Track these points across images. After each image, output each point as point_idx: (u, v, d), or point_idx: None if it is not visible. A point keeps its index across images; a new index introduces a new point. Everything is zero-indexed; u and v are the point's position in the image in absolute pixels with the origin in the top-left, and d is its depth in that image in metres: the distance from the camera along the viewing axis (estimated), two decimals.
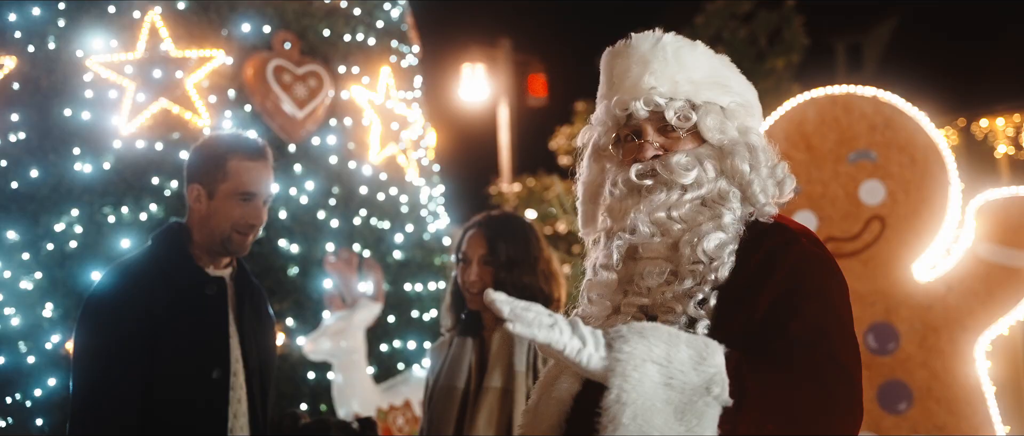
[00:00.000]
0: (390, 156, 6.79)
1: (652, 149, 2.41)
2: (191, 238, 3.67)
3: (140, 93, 5.89)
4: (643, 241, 2.37)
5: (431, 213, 7.12)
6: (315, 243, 6.18)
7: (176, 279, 3.58)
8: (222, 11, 6.21)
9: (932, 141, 5.75)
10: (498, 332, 3.69)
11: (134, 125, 5.88)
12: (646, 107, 2.41)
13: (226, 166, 3.61)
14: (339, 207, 6.38)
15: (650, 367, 2.05)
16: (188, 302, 3.58)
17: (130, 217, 5.74)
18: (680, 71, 2.45)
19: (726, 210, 2.36)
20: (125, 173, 5.81)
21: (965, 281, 5.62)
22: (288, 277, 6.08)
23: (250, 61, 6.21)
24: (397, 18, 7.15)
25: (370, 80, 6.74)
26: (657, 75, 2.43)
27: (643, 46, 2.47)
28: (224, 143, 3.71)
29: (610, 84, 2.51)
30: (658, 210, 2.35)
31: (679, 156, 2.39)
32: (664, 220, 2.35)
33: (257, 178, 3.66)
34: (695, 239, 2.32)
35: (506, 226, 3.80)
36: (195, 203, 3.65)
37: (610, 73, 2.51)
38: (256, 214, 3.66)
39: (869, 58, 23.73)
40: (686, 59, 2.47)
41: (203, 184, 3.64)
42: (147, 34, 5.97)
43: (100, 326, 3.50)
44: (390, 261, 6.58)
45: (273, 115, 6.20)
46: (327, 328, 5.79)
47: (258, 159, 3.68)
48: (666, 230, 2.35)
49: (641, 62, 2.44)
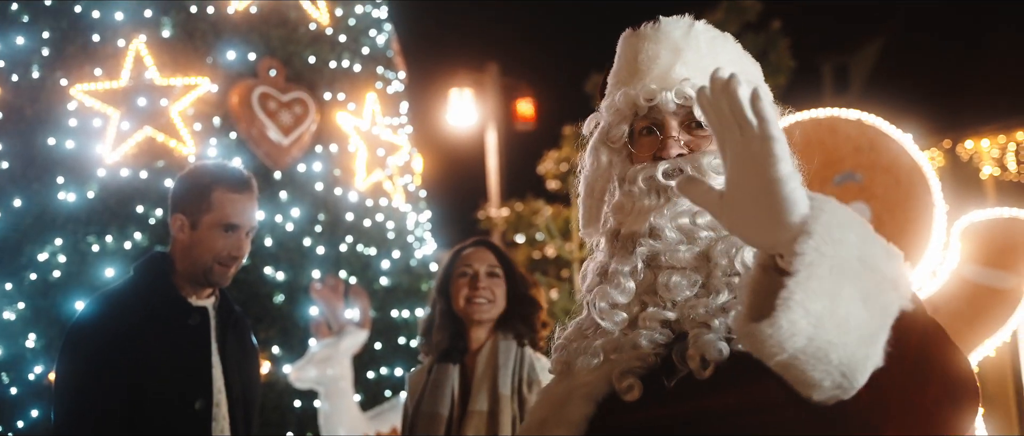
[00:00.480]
0: (376, 182, 6.79)
1: (677, 146, 2.18)
2: (174, 268, 3.65)
3: (124, 121, 5.88)
4: (668, 248, 2.13)
5: (418, 239, 7.10)
6: (301, 270, 6.16)
7: (159, 309, 3.56)
8: (207, 39, 6.21)
9: (916, 163, 5.76)
10: (482, 356, 3.68)
11: (118, 153, 5.86)
12: (677, 99, 2.19)
13: (210, 197, 3.60)
14: (325, 234, 6.37)
15: (850, 234, 1.71)
16: (171, 332, 3.56)
17: (114, 246, 5.71)
18: (714, 64, 2.13)
19: None
20: (109, 202, 5.79)
21: (951, 302, 5.62)
22: (274, 304, 6.06)
23: (235, 88, 6.21)
24: (383, 45, 7.16)
25: (356, 106, 6.74)
26: (690, 66, 2.22)
27: (675, 32, 2.26)
28: (209, 174, 3.68)
29: (633, 69, 2.27)
30: (682, 216, 2.12)
31: (710, 158, 2.16)
32: (689, 226, 2.13)
33: (241, 210, 3.64)
34: (733, 249, 2.08)
35: (499, 247, 3.86)
36: (178, 233, 3.63)
37: (634, 57, 2.28)
38: (239, 246, 3.64)
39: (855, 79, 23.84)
40: (720, 51, 2.29)
41: (187, 214, 3.62)
42: (132, 62, 5.96)
43: (82, 356, 3.47)
44: (377, 287, 6.56)
45: (258, 142, 6.19)
46: (313, 355, 5.75)
47: (243, 191, 3.66)
48: (692, 238, 2.12)
49: (673, 49, 2.24)
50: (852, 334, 1.63)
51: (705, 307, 2.03)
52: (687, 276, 2.08)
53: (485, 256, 3.77)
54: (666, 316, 2.08)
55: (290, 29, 6.47)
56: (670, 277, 2.09)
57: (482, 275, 3.73)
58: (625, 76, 2.28)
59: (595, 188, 2.34)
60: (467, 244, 3.87)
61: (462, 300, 3.73)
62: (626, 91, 2.24)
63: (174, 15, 6.16)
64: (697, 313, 2.03)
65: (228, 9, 6.25)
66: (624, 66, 2.30)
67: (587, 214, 2.37)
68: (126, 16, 6.06)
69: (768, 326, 1.61)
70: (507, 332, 3.72)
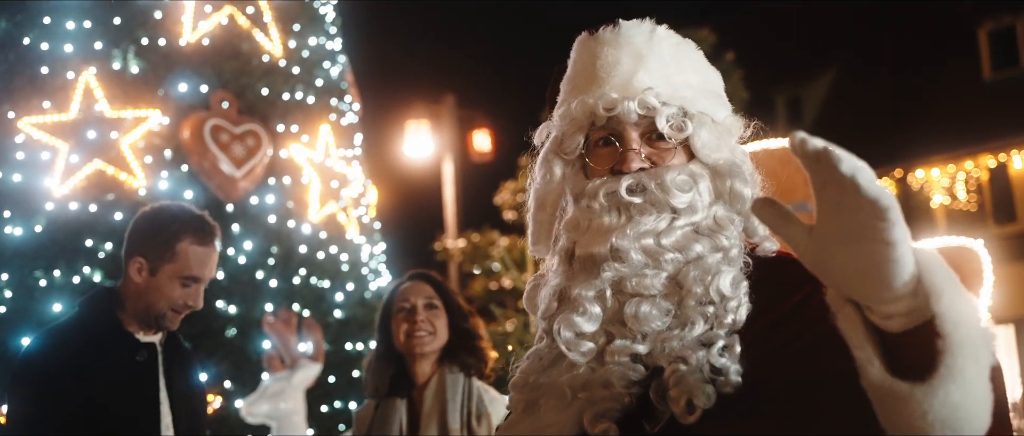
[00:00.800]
0: (330, 214, 6.75)
1: (639, 160, 2.03)
2: (122, 305, 3.59)
3: (74, 154, 5.81)
4: (634, 273, 1.95)
5: (372, 271, 7.07)
6: (253, 303, 6.10)
7: (106, 346, 3.50)
8: (159, 71, 6.17)
9: None
10: (429, 390, 3.65)
11: (67, 187, 5.79)
12: (639, 110, 2.02)
13: (175, 247, 3.51)
14: (278, 267, 6.31)
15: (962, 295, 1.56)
16: (119, 369, 3.50)
17: (62, 280, 5.63)
18: (678, 73, 2.10)
19: (727, 240, 2.00)
20: (57, 235, 5.71)
21: None
22: (226, 338, 5.99)
23: (187, 121, 6.16)
24: (337, 76, 7.14)
25: (309, 138, 6.71)
26: (653, 74, 2.06)
27: (637, 37, 2.10)
28: (177, 221, 3.56)
29: (590, 76, 2.10)
30: (647, 237, 1.96)
31: (674, 173, 2.01)
32: (654, 248, 1.96)
33: (204, 263, 3.57)
34: (708, 277, 1.94)
35: (437, 279, 3.81)
36: (135, 275, 3.54)
37: (591, 62, 2.11)
38: (197, 297, 3.58)
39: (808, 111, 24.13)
40: (684, 60, 2.13)
41: (147, 259, 3.53)
42: (81, 95, 5.91)
43: (31, 394, 3.40)
44: (331, 320, 6.51)
45: (210, 175, 6.14)
46: (266, 389, 5.69)
47: (209, 243, 3.58)
48: (657, 260, 1.95)
49: (635, 55, 2.07)
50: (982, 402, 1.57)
51: (679, 340, 1.90)
52: (657, 305, 1.93)
53: (422, 289, 3.72)
54: (636, 350, 1.93)
55: (243, 61, 6.44)
56: (639, 307, 1.93)
57: (420, 308, 3.68)
58: (582, 83, 2.11)
59: (546, 203, 2.17)
60: (404, 279, 3.82)
61: (402, 335, 3.68)
62: (583, 99, 2.07)
63: (125, 47, 6.11)
64: (671, 346, 1.90)
65: (180, 41, 6.21)
66: (581, 72, 2.13)
67: (537, 230, 2.20)
68: (76, 48, 6.00)
69: (924, 392, 1.53)
70: (453, 364, 3.69)
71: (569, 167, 2.13)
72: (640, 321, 1.92)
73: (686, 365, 1.86)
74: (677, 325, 1.91)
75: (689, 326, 1.90)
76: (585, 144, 2.10)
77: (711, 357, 1.86)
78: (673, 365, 1.88)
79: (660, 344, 1.91)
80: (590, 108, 2.04)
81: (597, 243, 1.98)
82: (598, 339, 1.96)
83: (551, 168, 2.15)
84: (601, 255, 1.97)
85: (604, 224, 1.99)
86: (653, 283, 1.93)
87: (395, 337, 3.71)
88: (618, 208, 1.99)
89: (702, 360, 1.87)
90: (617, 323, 1.96)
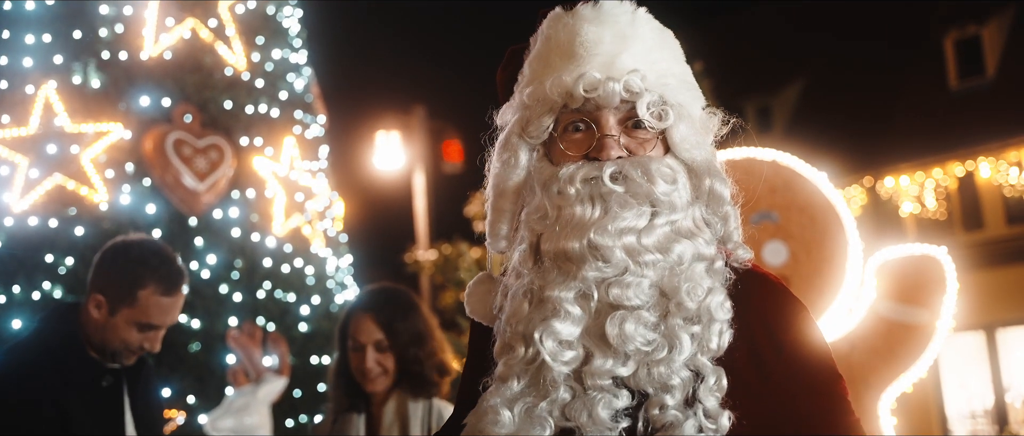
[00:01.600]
0: (295, 227, 6.71)
1: (618, 147, 1.88)
2: (84, 329, 3.52)
3: (33, 169, 5.75)
4: (616, 276, 1.80)
5: (338, 283, 7.02)
6: (217, 318, 6.05)
7: (71, 371, 3.43)
8: (120, 85, 6.11)
9: (830, 201, 5.86)
10: (389, 406, 3.63)
11: (27, 202, 5.73)
12: (624, 92, 1.87)
13: (137, 294, 3.41)
14: (242, 280, 6.26)
15: None
16: (84, 395, 3.44)
17: (22, 296, 5.56)
18: (661, 59, 1.96)
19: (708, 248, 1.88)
20: (17, 251, 5.64)
21: (867, 339, 5.70)
22: (189, 353, 5.93)
23: (149, 134, 6.11)
24: (301, 89, 7.11)
25: (274, 151, 6.67)
26: (638, 57, 1.91)
27: (621, 17, 1.95)
28: (143, 266, 3.48)
29: (568, 53, 1.92)
30: (628, 233, 1.81)
31: (658, 163, 1.87)
32: (635, 246, 1.81)
33: (166, 312, 3.49)
34: (698, 292, 1.82)
35: (396, 304, 3.74)
36: (94, 310, 3.46)
37: (569, 40, 1.93)
38: (154, 342, 3.52)
39: (778, 120, 24.25)
40: (666, 47, 2.00)
41: (107, 298, 3.45)
42: (41, 109, 5.85)
43: None
44: (296, 334, 6.47)
45: (173, 189, 6.09)
46: (231, 404, 5.62)
47: (173, 293, 3.50)
48: (637, 260, 1.81)
49: (619, 36, 1.92)
50: None
51: (667, 365, 1.78)
52: (642, 320, 1.80)
53: (371, 331, 3.69)
54: (619, 372, 1.80)
55: (205, 74, 6.39)
56: (623, 325, 1.79)
57: (370, 350, 3.67)
58: (557, 61, 1.94)
59: (507, 190, 1.99)
60: (355, 308, 3.81)
61: (356, 371, 3.70)
62: (559, 77, 1.90)
63: (85, 61, 6.06)
64: (658, 372, 1.78)
65: (142, 55, 6.17)
66: (555, 50, 1.96)
67: (496, 220, 2.02)
68: (35, 62, 5.94)
69: None
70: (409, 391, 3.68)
71: (534, 152, 1.98)
72: (624, 340, 1.79)
73: (673, 399, 1.77)
74: (664, 345, 1.80)
75: (678, 348, 1.79)
76: (554, 128, 1.95)
77: (702, 395, 1.78)
78: (659, 398, 1.78)
79: (645, 367, 1.79)
80: (567, 87, 1.89)
81: (571, 237, 1.82)
82: (579, 349, 1.82)
83: (515, 152, 1.98)
84: (577, 252, 1.82)
85: (576, 215, 1.84)
86: (636, 293, 1.80)
87: (351, 364, 3.71)
88: (593, 198, 1.84)
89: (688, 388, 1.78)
90: (596, 337, 1.81)
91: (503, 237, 2.02)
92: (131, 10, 6.16)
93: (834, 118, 22.72)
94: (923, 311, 5.66)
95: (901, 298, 5.72)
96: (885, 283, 5.75)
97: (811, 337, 1.93)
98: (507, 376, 1.87)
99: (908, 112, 21.83)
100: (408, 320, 3.69)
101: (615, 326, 1.79)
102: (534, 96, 1.94)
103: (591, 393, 1.79)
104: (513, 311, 1.89)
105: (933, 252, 5.78)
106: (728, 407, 1.80)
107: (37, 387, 3.34)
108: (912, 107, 21.88)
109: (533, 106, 1.95)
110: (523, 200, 1.97)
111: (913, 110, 21.74)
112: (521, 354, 1.85)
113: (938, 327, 5.62)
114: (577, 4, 1.99)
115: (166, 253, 3.58)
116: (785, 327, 1.89)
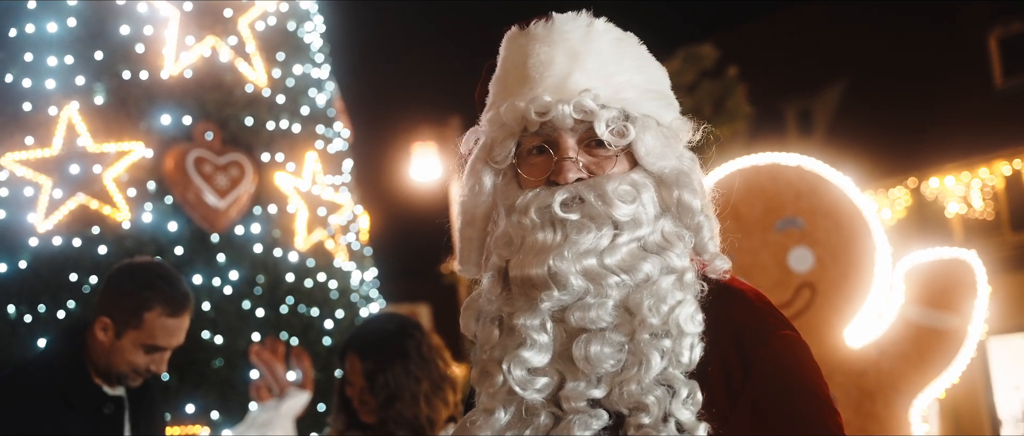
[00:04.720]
0: (318, 242, 6.72)
1: (575, 169, 1.86)
2: (88, 354, 3.54)
3: (57, 189, 5.81)
4: (577, 302, 1.79)
5: (363, 297, 7.02)
6: (240, 334, 6.07)
7: (73, 399, 3.45)
8: (141, 104, 6.16)
9: (856, 206, 5.77)
10: None
11: (51, 222, 5.79)
12: (575, 114, 1.84)
13: (142, 316, 3.45)
14: (265, 296, 6.28)
15: None
16: (85, 422, 3.45)
17: (47, 316, 5.61)
18: (620, 72, 1.91)
19: (679, 260, 1.84)
20: (41, 271, 5.70)
21: (897, 345, 5.60)
22: (212, 369, 5.96)
23: (170, 153, 6.15)
24: (323, 104, 7.12)
25: (295, 167, 6.69)
26: (591, 73, 1.87)
27: (572, 33, 1.91)
28: (149, 288, 3.50)
29: (521, 76, 1.91)
30: (588, 256, 1.79)
31: (615, 183, 1.84)
32: (597, 269, 1.79)
33: (172, 334, 3.52)
34: (664, 306, 1.79)
35: (384, 354, 3.69)
36: (100, 332, 3.48)
37: (523, 61, 1.92)
38: (160, 364, 3.55)
39: (819, 122, 24.01)
40: (627, 57, 1.94)
41: (113, 320, 3.48)
42: (64, 130, 5.91)
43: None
44: (320, 348, 6.47)
45: (194, 206, 6.12)
46: (254, 419, 5.62)
47: (179, 314, 3.53)
48: (600, 284, 1.79)
49: (570, 54, 1.88)
50: None
51: (638, 383, 1.76)
52: (608, 341, 1.78)
53: (357, 372, 3.72)
54: (593, 395, 1.79)
55: (226, 92, 6.42)
56: (588, 347, 1.78)
57: (359, 390, 3.73)
58: (512, 84, 1.93)
59: (476, 217, 2.00)
60: (351, 342, 3.84)
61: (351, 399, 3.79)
62: (513, 103, 1.90)
63: (107, 81, 6.11)
64: (630, 390, 1.76)
65: (162, 74, 6.21)
66: (511, 72, 1.94)
67: (466, 248, 2.04)
68: (58, 84, 6.01)
69: None
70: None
71: (500, 177, 1.97)
72: (592, 364, 1.77)
73: (649, 417, 1.75)
74: (633, 363, 1.77)
75: (645, 365, 1.76)
76: (516, 152, 1.94)
77: (675, 409, 1.76)
78: (635, 418, 1.76)
79: (618, 387, 1.77)
80: (521, 113, 1.88)
81: (533, 264, 1.82)
82: (551, 374, 1.82)
83: (479, 178, 1.98)
84: (539, 278, 1.80)
85: (538, 242, 1.83)
86: (600, 315, 1.78)
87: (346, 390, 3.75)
88: (553, 224, 1.83)
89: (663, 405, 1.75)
90: (566, 360, 1.80)
91: (473, 263, 2.03)
92: (151, 30, 6.21)
93: (876, 119, 22.46)
94: (954, 316, 5.55)
95: (931, 303, 5.61)
96: (915, 288, 5.64)
97: (786, 360, 1.84)
98: (492, 408, 1.87)
99: (952, 111, 21.51)
100: (390, 371, 3.63)
101: (581, 349, 1.78)
102: (494, 121, 1.95)
103: (569, 416, 1.79)
104: (485, 338, 1.91)
105: (963, 256, 5.67)
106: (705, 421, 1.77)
107: (37, 414, 3.36)
108: (956, 106, 21.56)
109: (494, 131, 1.95)
110: (492, 226, 1.98)
111: (957, 109, 21.42)
112: (499, 381, 1.85)
113: (969, 332, 5.51)
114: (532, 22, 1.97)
115: (172, 275, 3.59)
116: (756, 346, 1.82)
